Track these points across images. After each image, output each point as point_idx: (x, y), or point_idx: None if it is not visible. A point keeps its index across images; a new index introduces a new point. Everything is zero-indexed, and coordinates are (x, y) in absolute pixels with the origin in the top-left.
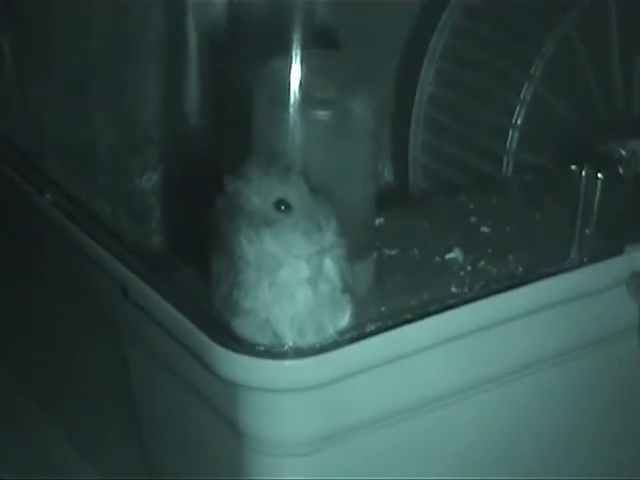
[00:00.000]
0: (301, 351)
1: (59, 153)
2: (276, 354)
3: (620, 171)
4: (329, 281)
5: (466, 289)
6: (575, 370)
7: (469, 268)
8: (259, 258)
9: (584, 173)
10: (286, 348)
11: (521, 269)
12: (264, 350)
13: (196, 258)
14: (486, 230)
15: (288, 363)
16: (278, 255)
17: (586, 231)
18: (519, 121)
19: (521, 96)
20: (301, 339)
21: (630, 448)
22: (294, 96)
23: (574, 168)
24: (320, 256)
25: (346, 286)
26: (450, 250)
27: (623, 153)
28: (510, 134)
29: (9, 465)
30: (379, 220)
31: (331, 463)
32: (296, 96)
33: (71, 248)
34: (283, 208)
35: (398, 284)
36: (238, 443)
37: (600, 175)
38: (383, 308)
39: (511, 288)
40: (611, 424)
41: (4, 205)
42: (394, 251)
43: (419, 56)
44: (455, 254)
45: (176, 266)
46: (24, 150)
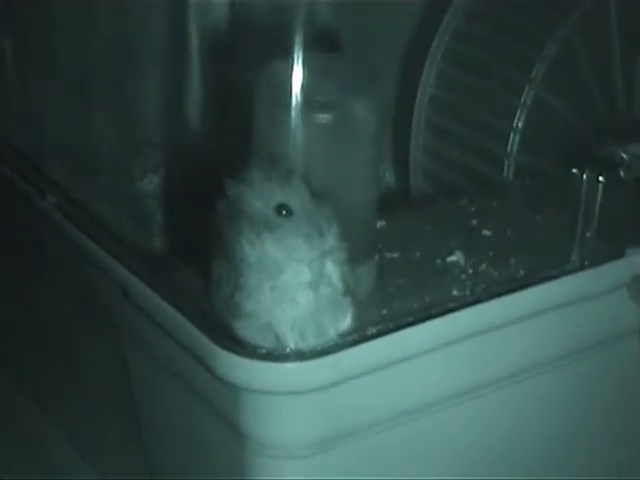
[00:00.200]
0: (302, 354)
1: (60, 155)
2: (277, 357)
3: (621, 174)
4: (330, 284)
5: (467, 292)
6: (576, 373)
7: (470, 271)
8: (260, 261)
9: (585, 176)
10: (287, 351)
11: (522, 272)
12: (265, 353)
13: (197, 261)
14: (487, 233)
15: (289, 366)
16: (279, 259)
17: (587, 234)
18: (520, 124)
19: (522, 99)
20: (302, 342)
21: (630, 449)
22: (295, 99)
23: (575, 171)
24: (321, 260)
25: (347, 289)
26: (451, 253)
27: (624, 156)
28: (511, 137)
29: (9, 465)
30: (380, 223)
31: (332, 465)
32: (297, 99)
33: (72, 250)
34: (284, 213)
35: (399, 287)
36: (239, 445)
37: (601, 178)
38: (384, 311)
39: (512, 291)
40: (611, 426)
41: (5, 206)
42: (395, 254)
43: (420, 59)
44: (456, 257)
45: (177, 268)
46: (25, 152)
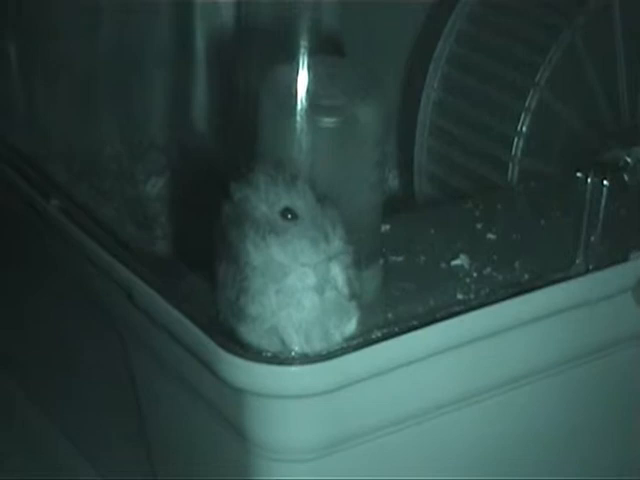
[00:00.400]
0: (307, 357)
1: (64, 158)
2: (282, 360)
3: (625, 178)
4: (336, 288)
5: (472, 296)
6: (581, 376)
7: (475, 275)
8: (266, 265)
9: (589, 180)
10: (292, 354)
11: (527, 276)
12: (270, 356)
13: (202, 264)
14: (492, 237)
15: (294, 369)
16: (285, 263)
17: (591, 238)
18: (524, 128)
19: (526, 103)
20: (308, 345)
21: (630, 450)
22: (301, 103)
23: (579, 175)
24: (327, 263)
25: (353, 293)
26: (456, 257)
27: (628, 160)
28: (515, 141)
29: (9, 465)
30: (385, 227)
31: (337, 469)
32: (302, 103)
33: (76, 253)
34: (290, 217)
35: (404, 291)
36: (244, 449)
37: (605, 182)
38: (389, 315)
39: (517, 295)
40: (615, 428)
41: (9, 209)
42: (400, 258)
43: (425, 63)
44: (461, 261)
45: (182, 272)
46: (29, 155)
